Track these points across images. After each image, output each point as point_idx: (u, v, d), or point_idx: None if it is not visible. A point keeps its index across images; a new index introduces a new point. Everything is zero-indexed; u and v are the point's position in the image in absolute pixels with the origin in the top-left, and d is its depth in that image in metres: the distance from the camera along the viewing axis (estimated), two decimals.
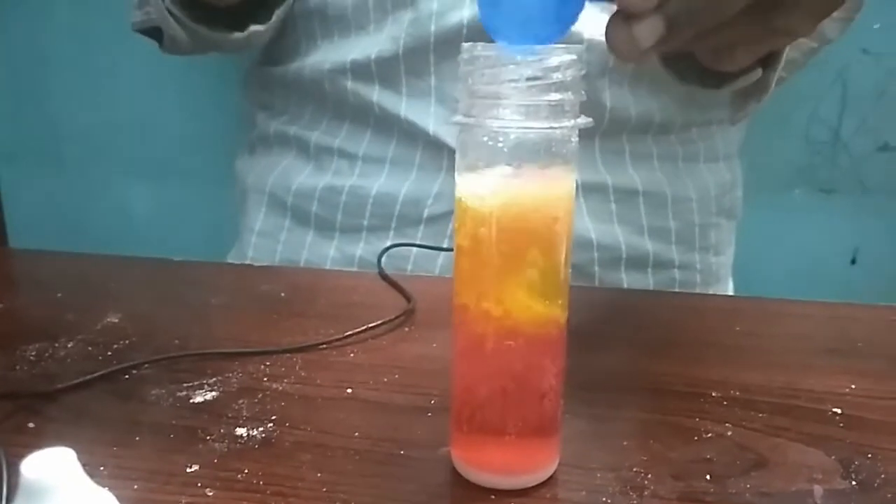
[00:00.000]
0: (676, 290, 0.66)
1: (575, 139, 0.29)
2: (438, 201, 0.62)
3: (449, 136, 0.61)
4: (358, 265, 0.64)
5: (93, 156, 0.99)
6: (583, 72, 0.28)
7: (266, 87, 0.73)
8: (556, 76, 0.27)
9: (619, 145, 0.63)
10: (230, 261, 0.73)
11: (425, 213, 0.62)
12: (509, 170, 0.28)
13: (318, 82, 0.65)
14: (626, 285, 0.64)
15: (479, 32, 0.59)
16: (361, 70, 0.63)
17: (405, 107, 0.62)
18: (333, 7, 0.63)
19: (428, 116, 0.62)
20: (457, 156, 0.29)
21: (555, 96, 0.27)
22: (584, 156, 0.62)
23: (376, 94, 0.63)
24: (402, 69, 0.62)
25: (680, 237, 0.65)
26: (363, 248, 0.64)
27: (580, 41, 0.59)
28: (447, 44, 0.60)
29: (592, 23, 0.59)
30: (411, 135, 0.63)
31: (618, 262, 0.63)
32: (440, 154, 0.62)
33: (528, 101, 0.27)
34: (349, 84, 0.63)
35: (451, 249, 0.61)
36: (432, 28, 0.60)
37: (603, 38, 0.61)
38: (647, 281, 0.65)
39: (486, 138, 0.28)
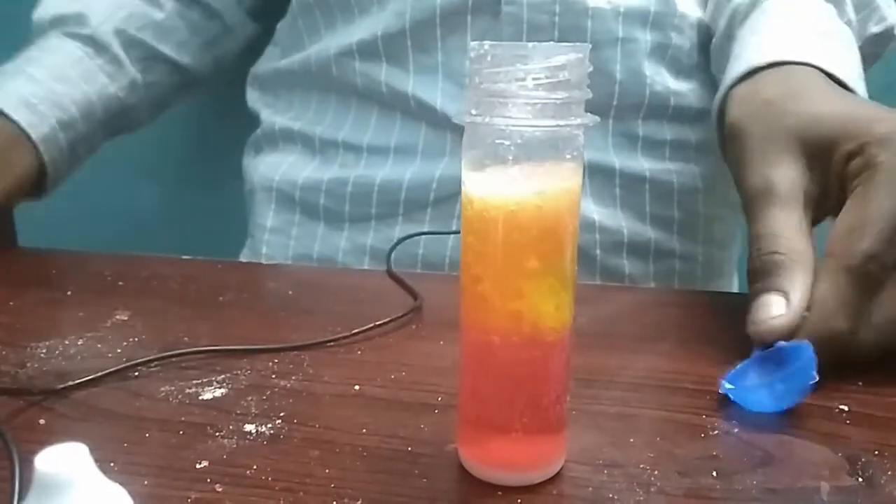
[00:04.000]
0: (676, 280, 0.66)
1: (582, 137, 0.29)
2: (443, 184, 0.62)
3: (455, 111, 0.61)
4: (369, 255, 0.65)
5: (101, 154, 0.99)
6: (590, 69, 0.28)
7: (271, 83, 0.73)
8: (563, 74, 0.27)
9: (633, 129, 0.63)
10: (243, 259, 0.73)
11: (431, 197, 0.63)
12: (516, 168, 0.28)
13: (325, 68, 0.65)
14: (627, 271, 0.64)
15: (484, 4, 0.60)
16: (368, 49, 0.63)
17: (413, 83, 0.62)
18: None
19: (436, 91, 0.62)
20: (463, 153, 0.30)
21: (562, 94, 0.27)
22: (596, 136, 0.62)
23: (384, 73, 0.63)
24: (409, 45, 0.62)
25: (682, 227, 0.65)
26: (373, 237, 0.65)
27: (584, 10, 0.59)
28: (454, 15, 0.60)
29: None
30: (416, 115, 0.63)
31: (619, 247, 0.63)
32: (443, 135, 0.62)
33: (536, 99, 0.27)
34: (357, 65, 0.64)
35: (455, 232, 0.61)
36: (438, 0, 0.60)
37: (608, 6, 0.62)
38: (648, 269, 0.64)
39: (493, 136, 0.28)
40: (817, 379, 0.35)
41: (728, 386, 0.38)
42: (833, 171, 0.43)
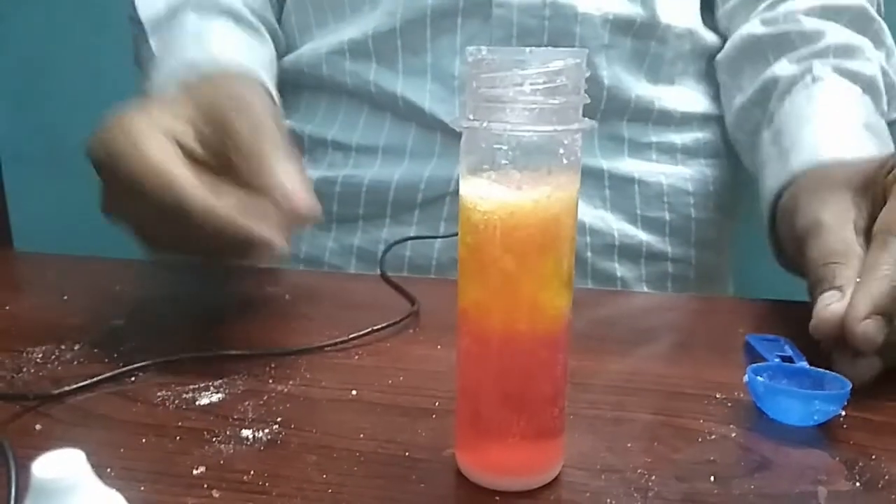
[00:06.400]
0: (670, 283, 0.66)
1: (579, 142, 0.29)
2: (431, 185, 0.62)
3: (444, 113, 0.61)
4: (356, 255, 0.65)
5: None
6: (587, 74, 0.28)
7: None
8: (561, 79, 0.27)
9: (619, 131, 0.63)
10: None
11: (419, 198, 0.63)
12: (514, 172, 0.28)
13: (316, 67, 0.65)
14: (619, 274, 0.64)
15: (475, 6, 0.60)
16: (359, 49, 0.63)
17: (401, 84, 0.62)
18: None
19: (424, 93, 0.62)
20: (461, 158, 0.30)
21: (559, 99, 0.27)
22: (583, 139, 0.62)
23: (373, 73, 0.63)
24: (399, 45, 0.62)
25: (674, 230, 0.65)
26: (360, 238, 0.65)
27: (574, 14, 0.59)
28: (444, 16, 0.61)
29: None
30: (405, 116, 0.63)
31: (611, 250, 0.63)
32: (433, 136, 0.62)
33: (533, 104, 0.27)
34: (347, 65, 0.64)
35: (446, 236, 0.61)
36: (429, 0, 0.60)
37: (597, 13, 0.63)
38: (640, 272, 0.65)
39: (490, 141, 0.28)
40: (842, 415, 0.36)
41: (759, 378, 0.37)
42: (879, 190, 0.44)
